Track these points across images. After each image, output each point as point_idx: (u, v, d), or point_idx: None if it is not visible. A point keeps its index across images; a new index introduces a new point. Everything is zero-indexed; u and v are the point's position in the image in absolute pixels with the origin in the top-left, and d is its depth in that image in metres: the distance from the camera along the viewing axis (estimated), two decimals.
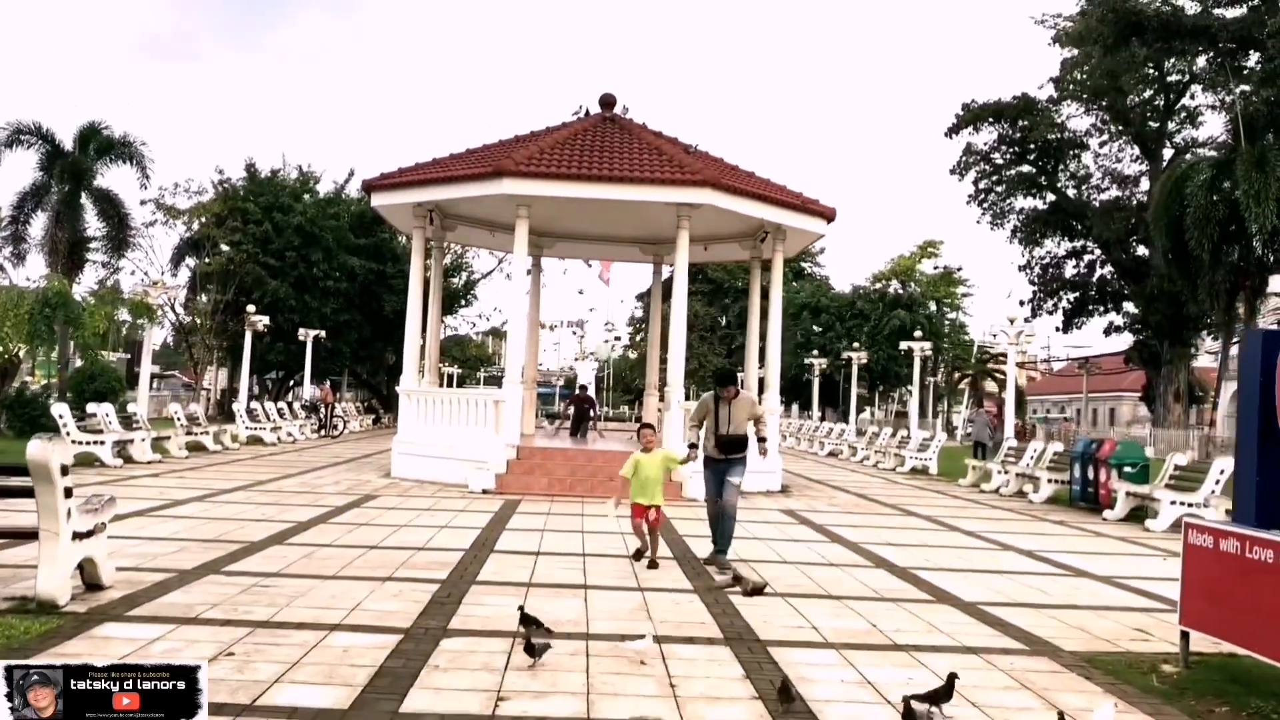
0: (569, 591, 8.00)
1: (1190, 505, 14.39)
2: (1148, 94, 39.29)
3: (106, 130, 32.09)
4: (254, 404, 29.40)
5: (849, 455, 31.72)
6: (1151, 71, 37.45)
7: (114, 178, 35.18)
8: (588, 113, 20.26)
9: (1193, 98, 38.24)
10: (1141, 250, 40.39)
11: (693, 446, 9.64)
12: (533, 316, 24.42)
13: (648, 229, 21.34)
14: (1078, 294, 42.91)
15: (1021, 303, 40.17)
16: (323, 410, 33.25)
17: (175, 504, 12.54)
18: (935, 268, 72.42)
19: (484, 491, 15.74)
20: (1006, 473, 20.37)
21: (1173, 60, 35.15)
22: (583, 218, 20.82)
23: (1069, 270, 43.45)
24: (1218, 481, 14.49)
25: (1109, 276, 41.99)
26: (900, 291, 67.44)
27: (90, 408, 19.03)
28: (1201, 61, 35.47)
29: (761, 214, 17.41)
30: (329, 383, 44.97)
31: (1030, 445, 21.21)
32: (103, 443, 17.74)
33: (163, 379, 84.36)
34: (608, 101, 20.13)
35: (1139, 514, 15.94)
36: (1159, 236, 26.29)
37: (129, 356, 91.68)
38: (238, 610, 6.74)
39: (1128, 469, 16.53)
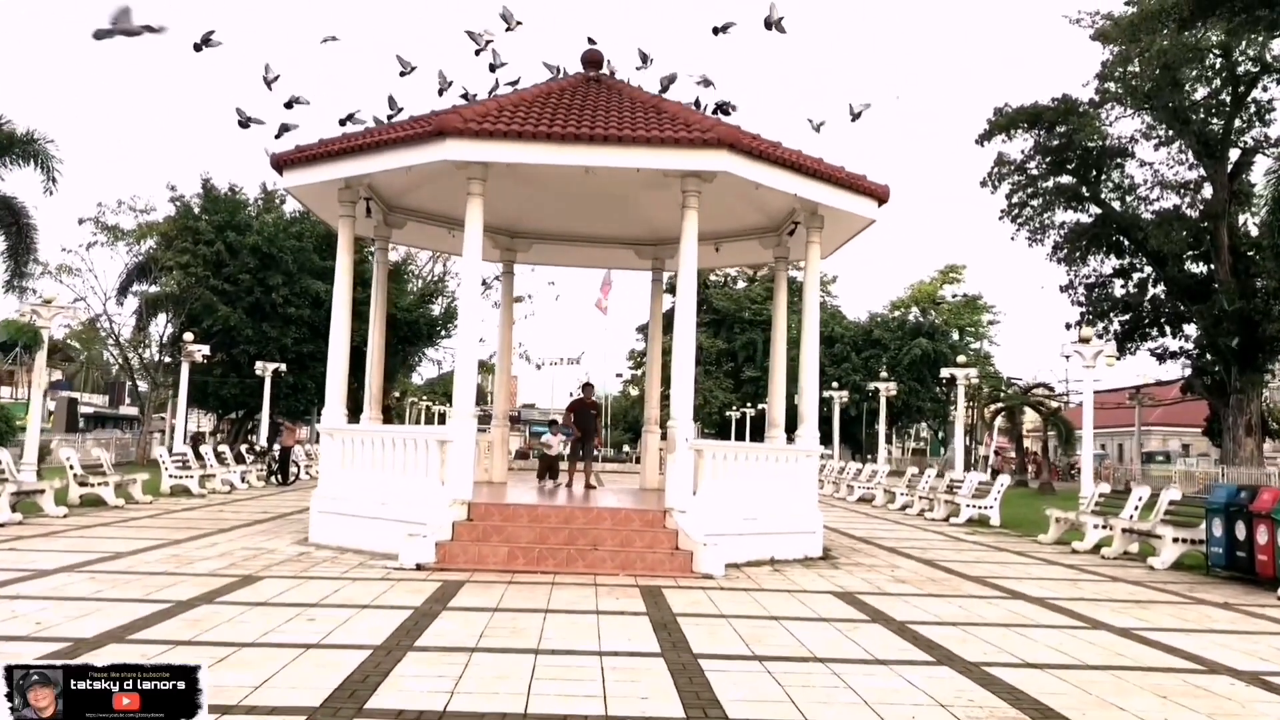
0: None
1: None
2: (1201, 94, 35.09)
3: (7, 125, 27.67)
4: (184, 447, 24.97)
5: (884, 502, 27.19)
6: (1217, 59, 33.16)
7: (15, 183, 29.82)
8: (564, 74, 15.88)
9: (1265, 90, 33.95)
10: (1201, 267, 35.93)
11: None
12: (505, 337, 19.98)
13: (645, 223, 17.13)
14: (1130, 315, 38.33)
15: (1068, 325, 35.61)
16: (277, 454, 28.86)
17: None
18: (955, 295, 68.37)
19: (418, 567, 11.36)
20: (1110, 529, 15.86)
21: (1245, 42, 30.89)
22: (562, 209, 16.63)
23: (1117, 290, 38.95)
24: None
25: (1162, 296, 37.50)
26: (921, 319, 63.28)
27: None
28: (1278, 46, 31.24)
29: (794, 188, 13.00)
30: (291, 424, 40.37)
31: (1134, 493, 16.71)
32: None
33: (134, 422, 79.87)
34: (592, 59, 15.51)
35: None
36: (1268, 237, 21.92)
37: (107, 398, 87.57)
38: None
39: None
